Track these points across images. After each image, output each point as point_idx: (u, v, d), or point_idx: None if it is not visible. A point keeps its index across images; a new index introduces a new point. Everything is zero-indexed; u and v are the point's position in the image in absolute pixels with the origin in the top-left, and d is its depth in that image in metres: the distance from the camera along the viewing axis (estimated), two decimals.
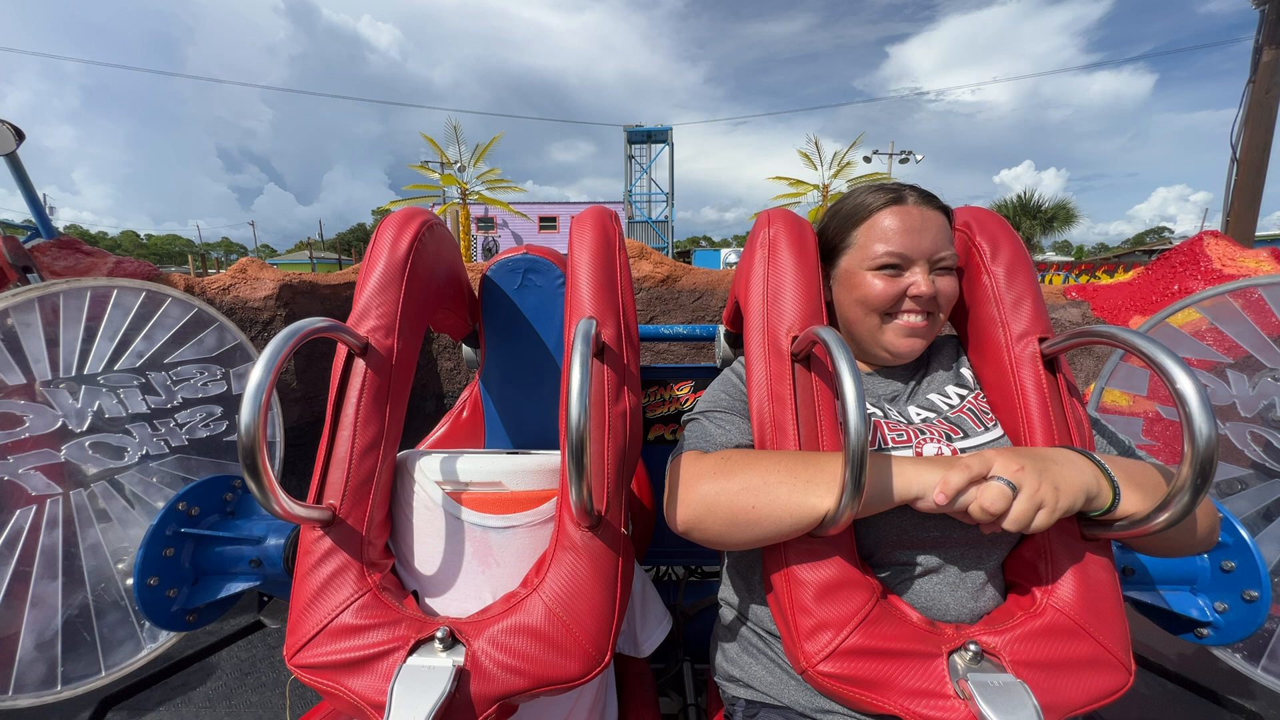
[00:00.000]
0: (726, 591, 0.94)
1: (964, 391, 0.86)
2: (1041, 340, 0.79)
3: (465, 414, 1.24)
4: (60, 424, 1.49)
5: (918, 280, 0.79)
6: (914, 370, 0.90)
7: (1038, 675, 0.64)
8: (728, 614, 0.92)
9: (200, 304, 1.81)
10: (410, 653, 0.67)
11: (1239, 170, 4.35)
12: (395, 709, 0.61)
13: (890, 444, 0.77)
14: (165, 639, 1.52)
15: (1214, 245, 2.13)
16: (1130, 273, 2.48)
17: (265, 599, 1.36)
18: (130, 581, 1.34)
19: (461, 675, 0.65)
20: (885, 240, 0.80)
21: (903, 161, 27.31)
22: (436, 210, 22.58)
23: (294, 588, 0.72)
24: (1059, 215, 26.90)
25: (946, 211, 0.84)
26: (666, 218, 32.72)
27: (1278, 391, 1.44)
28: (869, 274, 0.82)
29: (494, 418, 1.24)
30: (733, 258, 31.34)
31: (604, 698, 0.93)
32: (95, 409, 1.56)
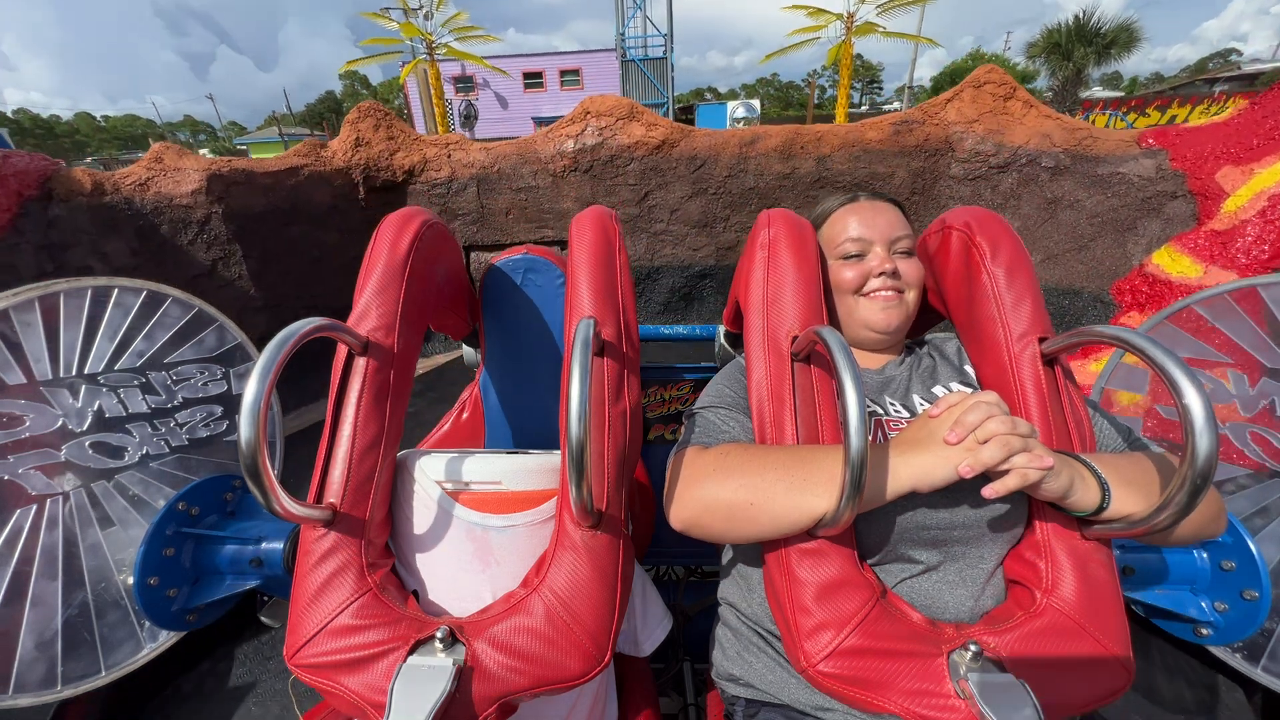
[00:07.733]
0: (726, 591, 0.94)
1: (968, 391, 0.86)
2: (1041, 340, 0.79)
3: (465, 414, 1.24)
4: (60, 423, 1.50)
5: (879, 259, 0.89)
6: (907, 362, 0.92)
7: (1038, 675, 0.64)
8: (728, 613, 0.92)
9: (200, 304, 1.81)
10: (410, 652, 0.67)
11: None
12: (395, 708, 0.61)
13: None
14: (165, 639, 1.52)
15: None
16: (1186, 108, 1.88)
17: (265, 599, 1.36)
18: (130, 581, 1.34)
19: (462, 675, 0.65)
20: (845, 231, 0.92)
21: None
22: (404, 69, 18.73)
23: (294, 587, 0.72)
24: (1119, 39, 20.65)
25: (899, 205, 0.97)
26: (664, 55, 23.92)
27: (1277, 391, 1.44)
28: (838, 264, 0.92)
29: (494, 417, 1.24)
30: (740, 111, 26.06)
31: (604, 697, 0.93)
32: (95, 409, 1.55)
